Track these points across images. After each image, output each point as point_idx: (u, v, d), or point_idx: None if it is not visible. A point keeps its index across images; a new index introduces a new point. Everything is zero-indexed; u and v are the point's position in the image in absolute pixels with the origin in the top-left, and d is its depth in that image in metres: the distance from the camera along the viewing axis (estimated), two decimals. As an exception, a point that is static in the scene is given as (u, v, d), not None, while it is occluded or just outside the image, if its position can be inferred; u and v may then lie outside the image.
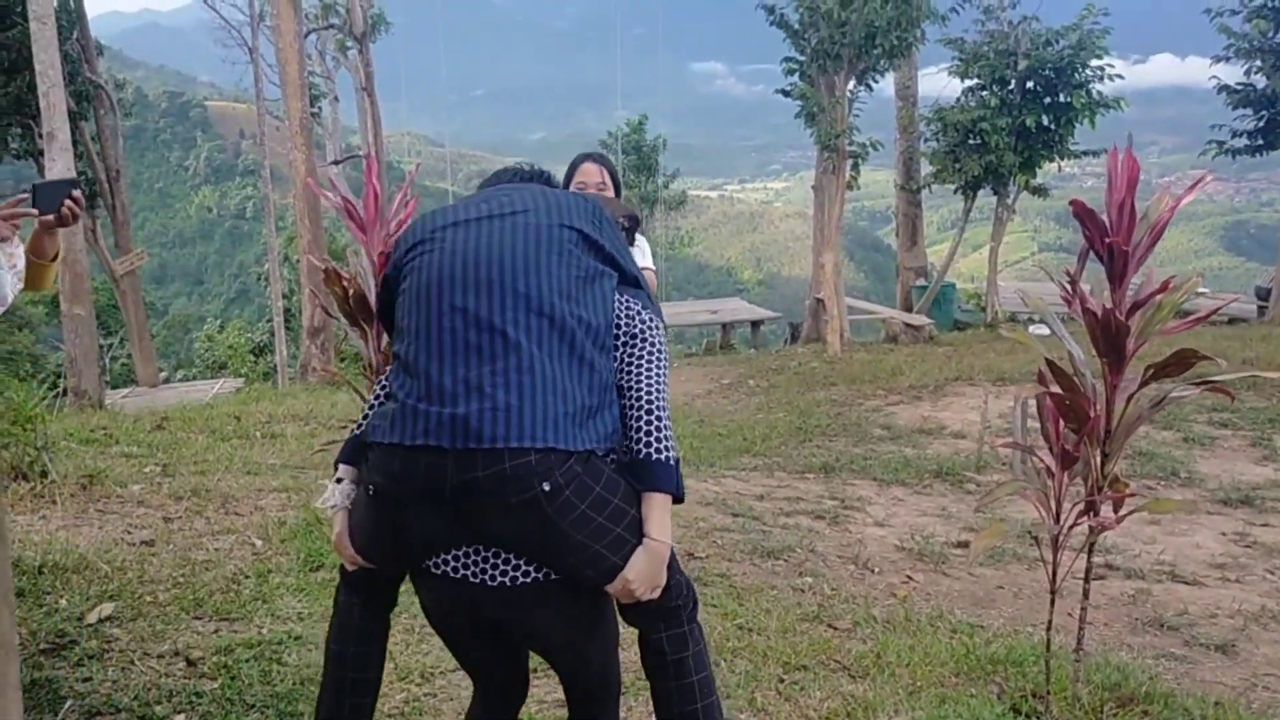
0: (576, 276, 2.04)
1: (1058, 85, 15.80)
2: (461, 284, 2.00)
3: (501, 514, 1.90)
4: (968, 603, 4.62)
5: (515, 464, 1.86)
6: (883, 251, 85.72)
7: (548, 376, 1.93)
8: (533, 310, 1.97)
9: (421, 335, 2.00)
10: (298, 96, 13.33)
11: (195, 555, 4.27)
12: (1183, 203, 2.89)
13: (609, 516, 1.95)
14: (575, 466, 1.90)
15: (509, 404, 1.88)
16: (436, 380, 1.93)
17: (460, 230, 2.10)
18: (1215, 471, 7.39)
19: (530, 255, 2.03)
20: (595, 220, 2.16)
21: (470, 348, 1.94)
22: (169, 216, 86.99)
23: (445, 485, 1.89)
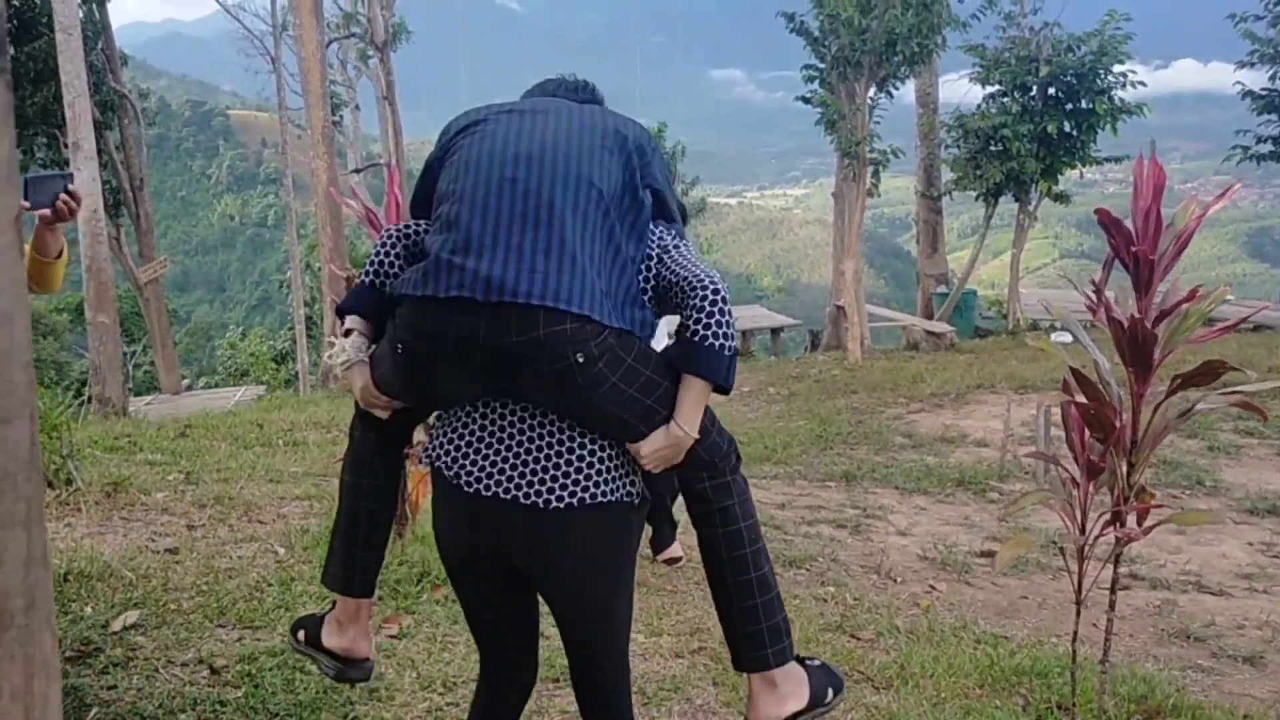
0: (623, 179, 2.03)
1: (1080, 91, 15.72)
2: (514, 158, 1.99)
3: (533, 380, 1.91)
4: (992, 613, 4.59)
5: (549, 331, 1.85)
6: (903, 258, 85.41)
7: (590, 255, 1.92)
8: (581, 191, 1.95)
9: (467, 196, 1.96)
10: (320, 105, 13.40)
11: (219, 563, 4.29)
12: (1210, 211, 2.87)
13: (640, 388, 1.95)
14: (609, 339, 1.90)
15: (548, 269, 1.87)
16: (478, 234, 1.91)
17: (514, 117, 2.10)
18: (1241, 481, 7.32)
19: (584, 144, 2.02)
20: (650, 146, 2.15)
21: (515, 214, 1.92)
22: (191, 224, 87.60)
23: (477, 348, 1.89)
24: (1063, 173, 16.44)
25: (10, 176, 0.92)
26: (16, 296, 0.89)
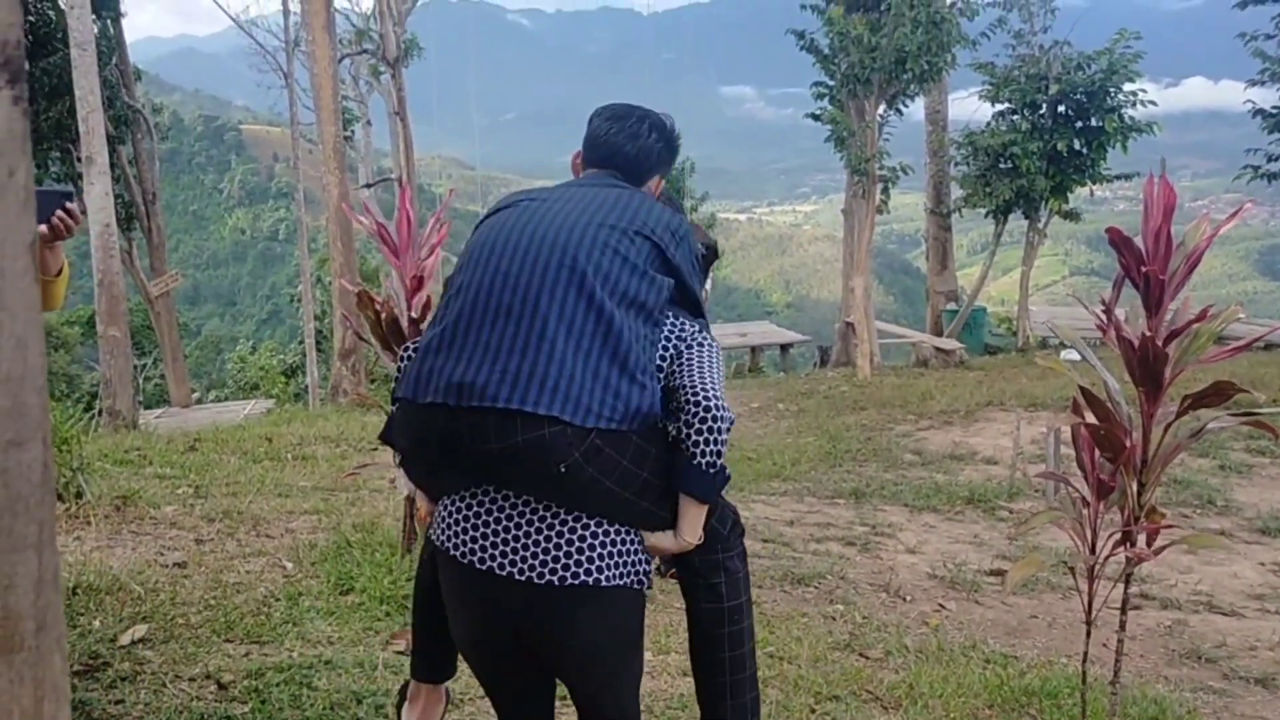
0: (633, 274, 2.03)
1: (1089, 109, 15.73)
2: (514, 249, 2.02)
3: (524, 481, 1.94)
4: (1001, 632, 4.57)
5: (528, 438, 1.85)
6: (913, 275, 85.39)
7: (575, 342, 1.91)
8: (573, 278, 1.95)
9: (463, 290, 2.02)
10: (331, 121, 13.47)
11: (227, 577, 4.29)
12: (1222, 230, 2.86)
13: (636, 492, 1.96)
14: (595, 442, 1.88)
15: (520, 368, 1.87)
16: (461, 330, 1.96)
17: (535, 205, 2.15)
18: (1253, 500, 7.28)
19: (594, 233, 2.03)
20: (675, 237, 2.16)
21: (500, 308, 1.94)
22: (203, 238, 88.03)
23: (462, 451, 1.91)
24: (1072, 190, 16.45)
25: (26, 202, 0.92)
26: (31, 321, 0.90)
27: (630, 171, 2.34)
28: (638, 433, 1.95)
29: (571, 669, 2.08)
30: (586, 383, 1.88)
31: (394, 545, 4.40)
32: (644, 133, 2.36)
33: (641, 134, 2.36)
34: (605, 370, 1.91)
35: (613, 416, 1.90)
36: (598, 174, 2.32)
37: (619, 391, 1.91)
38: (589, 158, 2.40)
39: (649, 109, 2.44)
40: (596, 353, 1.91)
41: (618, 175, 2.32)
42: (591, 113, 2.46)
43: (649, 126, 2.37)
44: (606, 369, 1.91)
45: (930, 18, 13.04)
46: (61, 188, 2.73)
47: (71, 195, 2.65)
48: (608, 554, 1.97)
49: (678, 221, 2.19)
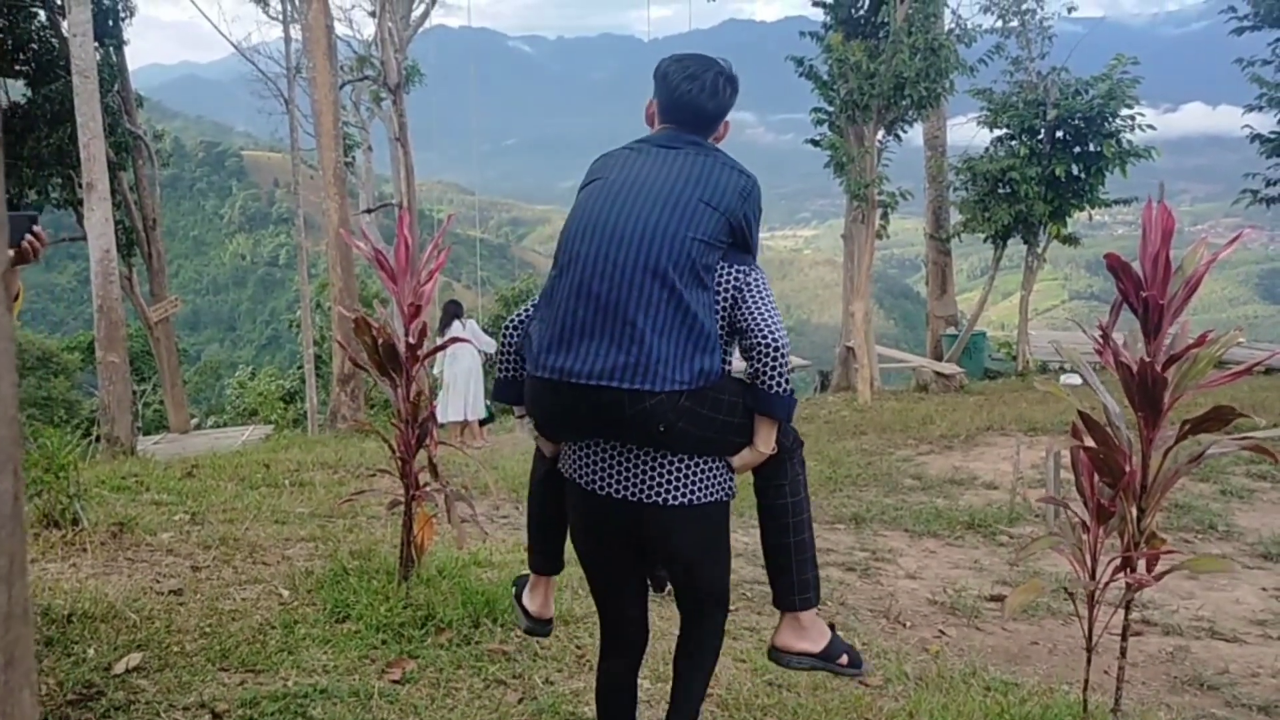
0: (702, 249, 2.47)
1: (1088, 134, 15.80)
2: (608, 237, 2.47)
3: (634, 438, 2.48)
4: (1001, 659, 4.54)
5: (635, 410, 2.41)
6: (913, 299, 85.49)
7: (658, 328, 2.41)
8: (647, 271, 2.42)
9: (566, 277, 2.50)
10: (332, 147, 13.52)
11: (222, 605, 4.26)
12: (1220, 256, 2.86)
13: (718, 430, 2.52)
14: (685, 403, 2.42)
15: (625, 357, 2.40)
16: (568, 328, 2.46)
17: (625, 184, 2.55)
18: (1254, 525, 7.25)
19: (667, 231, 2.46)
20: (743, 197, 2.58)
21: (596, 300, 2.43)
22: (203, 264, 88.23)
23: (582, 417, 2.48)
24: (1071, 215, 16.49)
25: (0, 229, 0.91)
26: (3, 350, 0.88)
27: (709, 125, 2.70)
28: (711, 385, 2.47)
29: (676, 563, 2.64)
30: (672, 359, 2.41)
31: (391, 572, 4.38)
32: (721, 88, 2.68)
33: (720, 90, 2.68)
34: (683, 345, 2.43)
35: (693, 380, 2.43)
36: (676, 133, 2.67)
37: (695, 360, 2.44)
38: (670, 115, 2.69)
39: (714, 58, 2.73)
40: (675, 332, 2.42)
41: (695, 130, 2.67)
42: (661, 65, 2.73)
43: (724, 81, 2.70)
44: (684, 344, 2.43)
45: (928, 44, 13.12)
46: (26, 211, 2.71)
47: (36, 218, 2.63)
48: (700, 480, 2.54)
49: (744, 182, 2.60)
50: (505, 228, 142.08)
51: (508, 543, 5.87)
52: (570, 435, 2.62)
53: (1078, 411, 3.08)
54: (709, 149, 2.65)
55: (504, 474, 8.40)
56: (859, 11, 14.27)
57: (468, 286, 59.06)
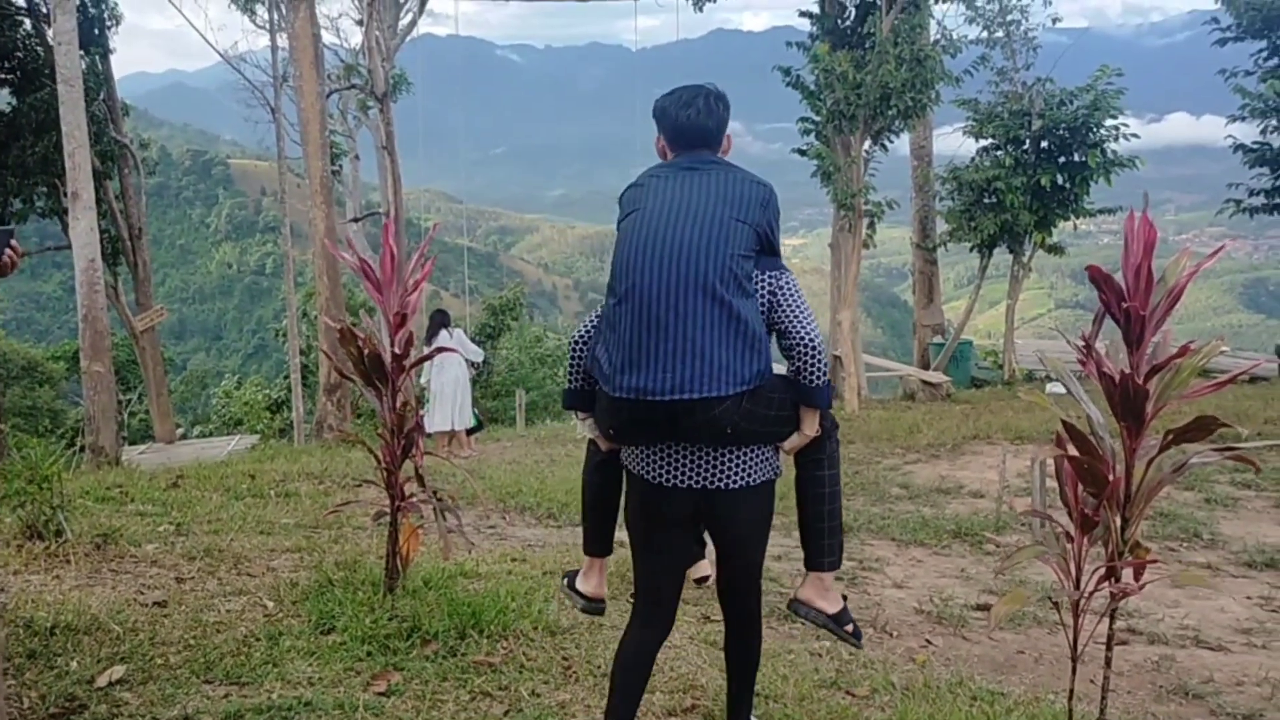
0: (743, 262, 2.79)
1: (1072, 144, 15.89)
2: (658, 259, 2.78)
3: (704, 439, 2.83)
4: (988, 668, 4.54)
5: (707, 416, 2.75)
6: (900, 307, 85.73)
7: (715, 338, 2.73)
8: (698, 289, 2.73)
9: (625, 303, 2.81)
10: (319, 155, 13.50)
11: (207, 617, 4.24)
12: (1202, 268, 2.88)
13: (773, 423, 2.90)
14: (746, 404, 2.77)
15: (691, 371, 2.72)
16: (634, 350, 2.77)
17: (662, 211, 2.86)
18: (1239, 533, 7.28)
19: (709, 248, 2.77)
20: (764, 206, 2.91)
21: (660, 327, 2.74)
22: (189, 272, 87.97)
23: (657, 427, 2.81)
24: (1056, 225, 16.59)
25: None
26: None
27: (714, 141, 3.06)
28: (765, 384, 2.81)
29: (732, 536, 3.04)
30: (731, 364, 2.73)
31: (376, 584, 4.36)
32: (715, 108, 3.05)
33: (714, 110, 3.05)
34: (740, 350, 2.75)
35: (753, 380, 2.76)
36: (691, 155, 3.01)
37: (752, 362, 2.76)
38: (678, 143, 3.05)
39: (700, 84, 3.10)
40: (730, 339, 2.74)
41: (705, 150, 3.03)
42: (658, 104, 3.11)
43: (715, 99, 3.06)
44: (741, 349, 2.75)
45: (914, 55, 13.17)
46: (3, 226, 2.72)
47: (13, 232, 2.64)
48: (755, 465, 2.94)
49: (763, 192, 2.93)
50: (493, 236, 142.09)
51: (495, 553, 5.86)
52: (644, 441, 2.94)
53: (1061, 421, 3.09)
54: (724, 164, 2.99)
55: (491, 484, 8.38)
56: (845, 22, 14.33)
57: (455, 295, 58.96)
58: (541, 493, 8.05)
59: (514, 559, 5.70)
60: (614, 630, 4.34)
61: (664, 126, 3.07)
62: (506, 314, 29.39)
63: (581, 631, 4.24)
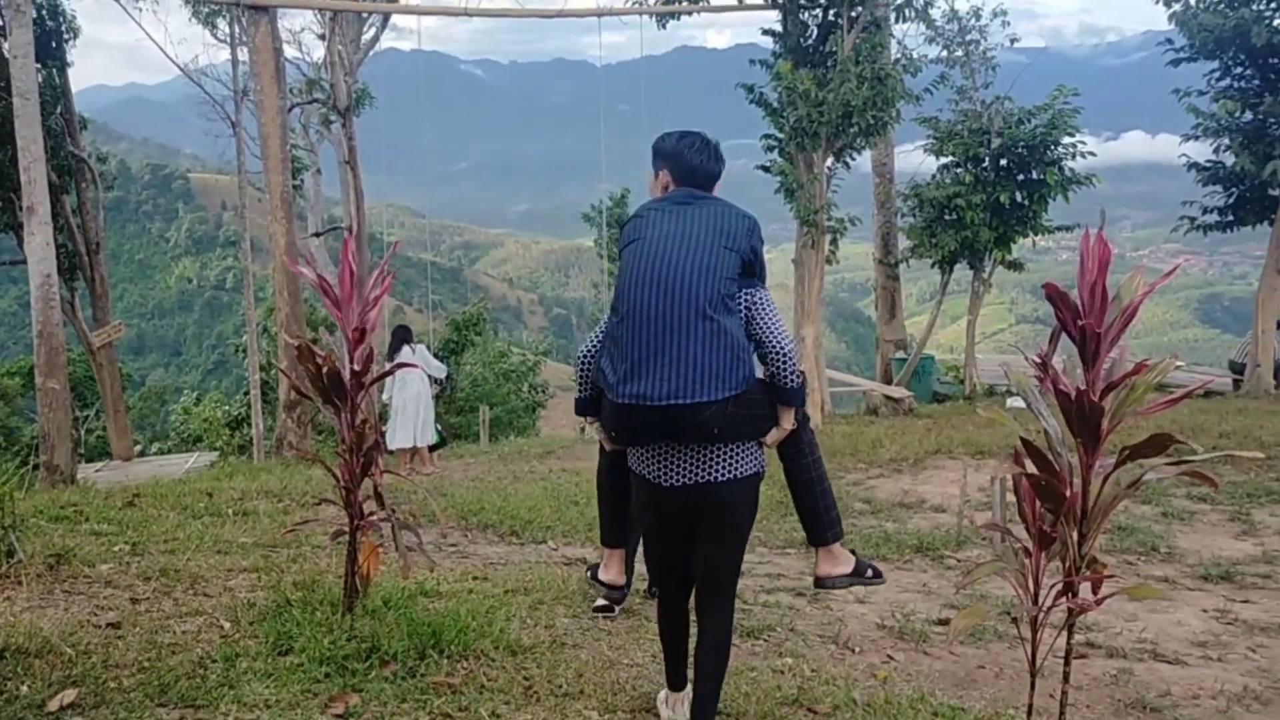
0: (729, 285, 3.25)
1: (1031, 162, 16.10)
2: (655, 283, 3.23)
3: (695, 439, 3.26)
4: (949, 683, 4.56)
5: (697, 420, 3.17)
6: (863, 322, 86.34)
7: (705, 349, 3.16)
8: (691, 309, 3.17)
9: (627, 321, 3.25)
10: (279, 170, 13.39)
11: (162, 638, 4.17)
12: (1156, 287, 2.92)
13: (755, 421, 3.35)
14: (731, 407, 3.19)
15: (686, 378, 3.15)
16: (635, 362, 3.21)
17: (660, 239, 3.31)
18: (1195, 547, 7.38)
19: (701, 273, 3.22)
20: (749, 234, 3.38)
21: (657, 341, 3.18)
22: (148, 287, 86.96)
23: (655, 429, 3.25)
24: (1015, 241, 16.78)
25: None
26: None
27: (715, 180, 3.58)
28: (748, 390, 3.24)
29: (719, 523, 3.40)
30: (720, 371, 3.16)
31: (335, 603, 4.31)
32: (719, 155, 3.60)
33: (719, 155, 3.60)
34: (727, 359, 3.17)
35: (735, 386, 3.19)
36: (689, 192, 3.50)
37: (737, 369, 3.19)
38: (686, 180, 3.54)
39: (705, 134, 3.65)
40: (718, 350, 3.17)
41: (705, 186, 3.54)
42: (669, 145, 3.59)
43: (716, 149, 3.61)
44: (727, 358, 3.17)
45: (875, 73, 13.30)
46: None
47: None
48: (741, 461, 3.35)
49: (748, 223, 3.40)
50: (458, 251, 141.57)
51: (456, 572, 5.81)
52: (643, 442, 3.38)
53: (1019, 438, 3.12)
54: (714, 200, 3.48)
55: (453, 501, 8.33)
56: (807, 41, 14.43)
57: (419, 310, 58.67)
58: (504, 510, 8.01)
59: (475, 577, 5.66)
60: (575, 649, 4.32)
61: (674, 165, 3.56)
62: (470, 329, 29.26)
63: (543, 651, 4.22)
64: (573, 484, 9.68)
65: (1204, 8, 16.03)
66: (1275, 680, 4.80)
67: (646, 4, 15.36)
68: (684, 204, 3.42)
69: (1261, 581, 6.61)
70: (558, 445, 13.36)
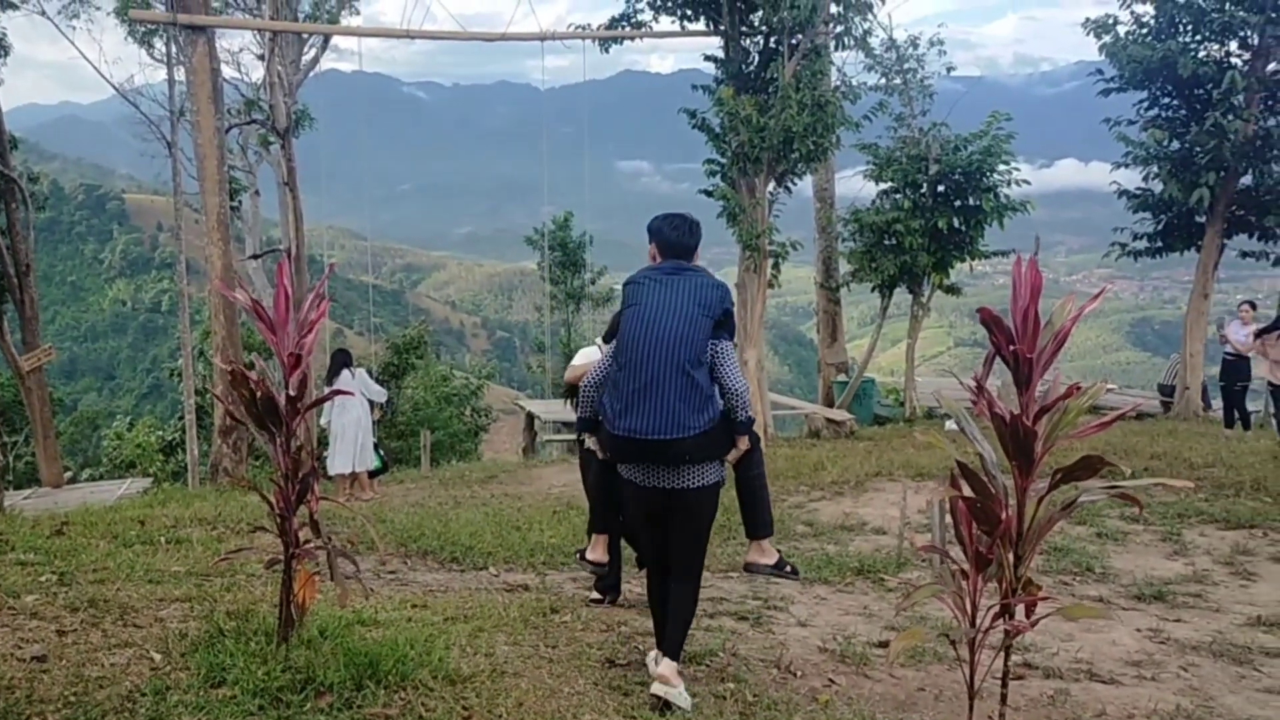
0: (704, 343, 4.29)
1: (968, 189, 16.38)
2: (648, 343, 4.24)
3: (680, 459, 4.28)
4: (889, 706, 4.58)
5: (674, 450, 4.23)
6: (806, 345, 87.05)
7: (682, 399, 4.20)
8: (677, 366, 4.20)
9: (626, 370, 4.29)
10: (216, 192, 13.20)
11: (89, 671, 4.04)
12: (1085, 312, 2.97)
13: (719, 447, 4.40)
14: (701, 439, 4.26)
15: (667, 419, 4.20)
16: (629, 402, 4.26)
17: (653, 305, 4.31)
18: (1128, 567, 7.51)
19: (689, 324, 4.26)
20: (723, 300, 4.38)
21: (646, 390, 4.21)
22: (81, 310, 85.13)
23: (644, 455, 4.30)
24: (953, 266, 17.03)
25: None
26: None
27: (691, 254, 4.53)
28: (713, 427, 4.30)
29: (687, 520, 4.44)
30: (690, 416, 4.21)
31: (270, 634, 4.21)
32: (696, 231, 4.56)
33: (696, 232, 4.56)
34: (696, 405, 4.23)
35: (701, 427, 4.24)
36: (675, 263, 4.46)
37: (704, 415, 4.26)
38: (669, 253, 4.49)
39: (686, 214, 4.61)
40: (691, 400, 4.21)
41: (685, 257, 4.49)
42: (653, 224, 4.57)
43: (694, 226, 4.57)
44: (697, 404, 4.23)
45: (815, 100, 13.46)
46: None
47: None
48: (705, 473, 4.38)
49: (720, 292, 4.39)
50: (399, 274, 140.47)
51: (394, 600, 5.73)
52: (632, 461, 4.41)
53: (956, 462, 3.15)
54: (696, 270, 4.44)
55: (392, 528, 8.21)
56: (749, 67, 14.57)
57: (360, 333, 57.99)
58: (445, 536, 7.92)
59: (414, 605, 5.58)
60: (515, 678, 4.27)
61: (659, 240, 4.51)
62: (411, 352, 29.01)
63: (483, 680, 4.16)
64: (515, 509, 9.61)
65: (1133, 40, 16.46)
66: (1206, 699, 4.89)
67: (590, 28, 15.42)
68: (672, 274, 4.38)
69: (1192, 601, 6.75)
70: (500, 470, 13.26)
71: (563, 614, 5.68)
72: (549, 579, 6.93)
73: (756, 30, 14.51)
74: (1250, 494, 9.64)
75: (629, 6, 15.11)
